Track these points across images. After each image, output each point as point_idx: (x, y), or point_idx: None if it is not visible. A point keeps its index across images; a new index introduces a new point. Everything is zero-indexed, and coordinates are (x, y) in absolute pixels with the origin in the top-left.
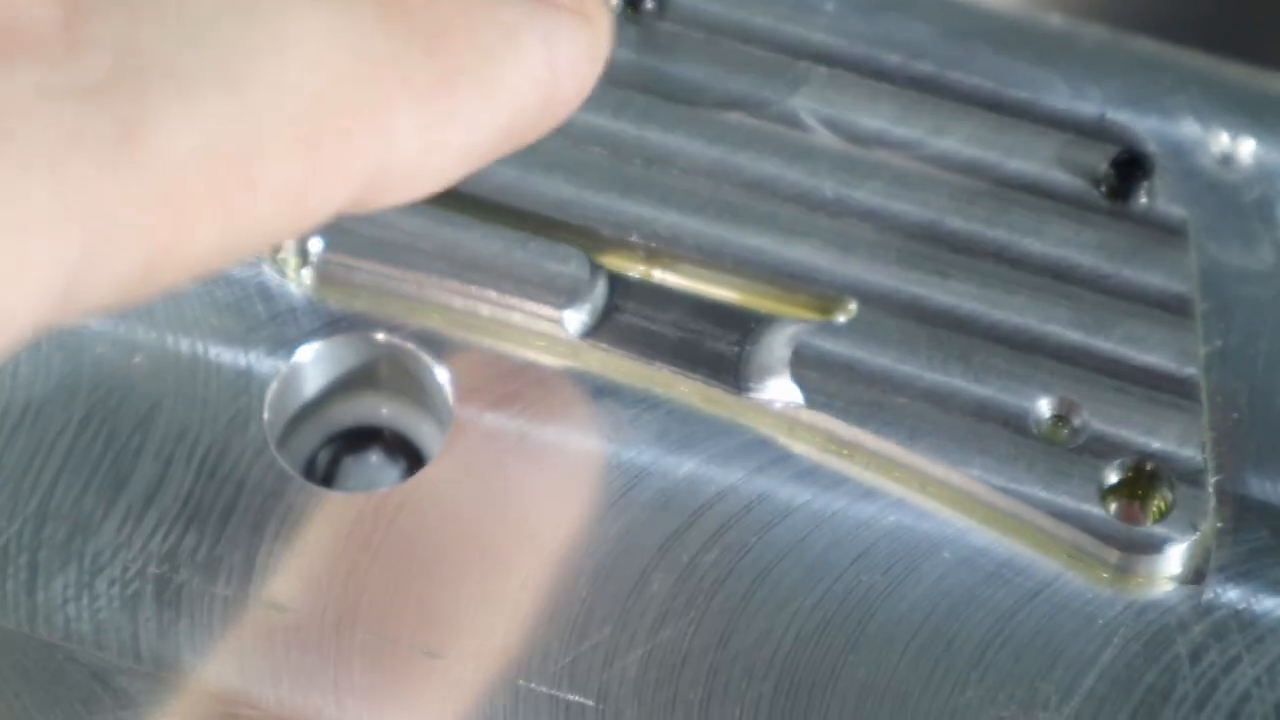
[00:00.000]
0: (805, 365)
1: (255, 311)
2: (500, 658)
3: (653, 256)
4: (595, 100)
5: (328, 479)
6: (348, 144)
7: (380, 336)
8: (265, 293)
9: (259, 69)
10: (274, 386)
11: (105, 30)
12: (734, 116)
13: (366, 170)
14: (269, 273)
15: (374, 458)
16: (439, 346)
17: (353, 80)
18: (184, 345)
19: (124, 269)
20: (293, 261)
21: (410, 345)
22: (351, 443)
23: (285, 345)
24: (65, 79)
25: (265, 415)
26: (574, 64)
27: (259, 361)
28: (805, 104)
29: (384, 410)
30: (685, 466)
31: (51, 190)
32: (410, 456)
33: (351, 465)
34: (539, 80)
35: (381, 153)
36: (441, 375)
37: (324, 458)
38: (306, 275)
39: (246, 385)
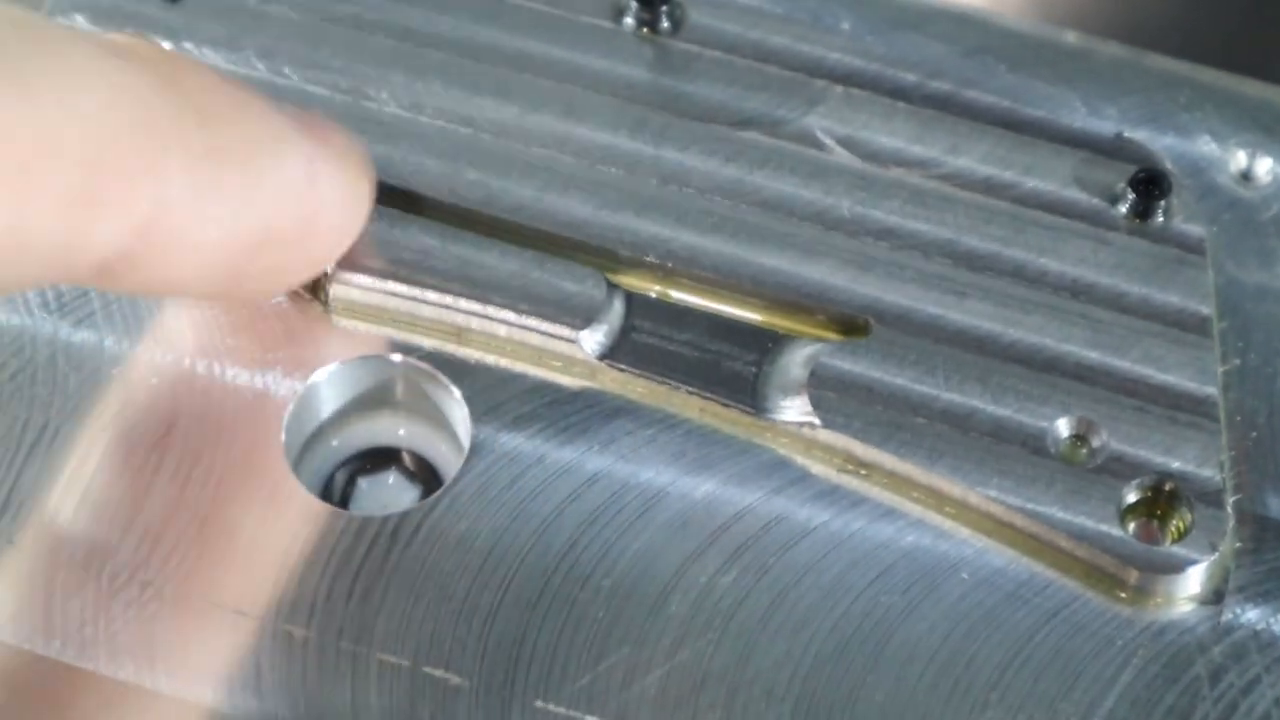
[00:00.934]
0: (823, 385)
1: (272, 332)
2: (518, 679)
3: (669, 276)
4: (611, 119)
5: (344, 500)
6: (126, 179)
7: (397, 357)
8: (281, 313)
9: (47, 88)
10: (291, 408)
11: None
12: (750, 135)
13: (141, 214)
14: (284, 294)
15: (391, 479)
16: (456, 367)
17: (132, 125)
18: (200, 366)
19: None
20: (310, 284)
21: (427, 366)
22: (368, 464)
23: (302, 366)
24: None
25: (282, 437)
26: (335, 196)
27: (276, 383)
28: (822, 123)
29: (401, 431)
30: (703, 487)
31: None
32: (428, 477)
33: (368, 486)
34: (300, 192)
35: (155, 199)
36: (458, 396)
37: (340, 478)
38: (323, 295)
39: (263, 407)
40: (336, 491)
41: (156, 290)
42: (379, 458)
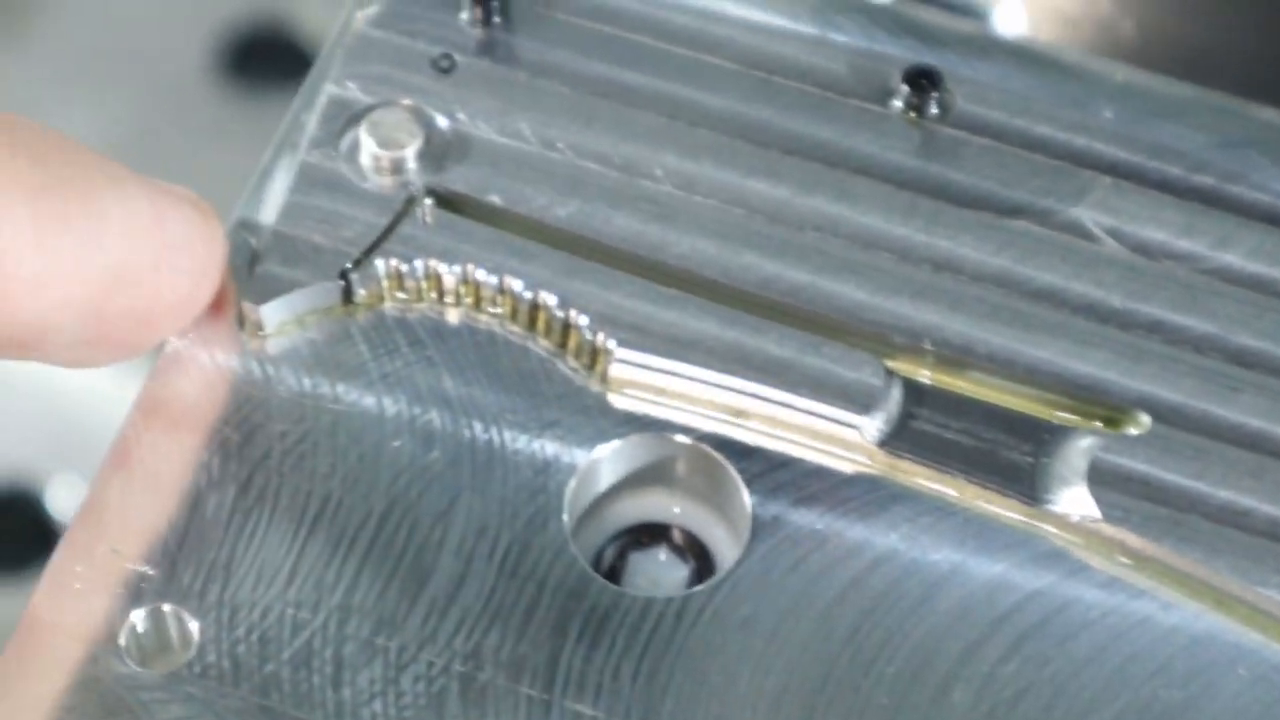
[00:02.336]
0: (1099, 478)
1: (551, 408)
2: None
3: (944, 364)
4: (882, 203)
5: (613, 573)
6: None
7: (679, 437)
8: (561, 388)
9: None
10: (572, 484)
11: None
12: (1020, 224)
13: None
14: (564, 370)
15: (662, 555)
16: (734, 448)
17: None
18: (481, 440)
19: None
20: (586, 358)
21: (707, 447)
22: (640, 538)
23: (582, 443)
24: None
25: (565, 513)
26: (186, 234)
27: (556, 458)
28: (1090, 213)
29: (676, 509)
30: (983, 575)
31: None
32: (699, 555)
33: (639, 561)
34: (149, 229)
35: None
36: (737, 477)
37: (611, 553)
38: (601, 372)
39: (544, 483)
40: (606, 564)
41: (18, 336)
42: (650, 533)
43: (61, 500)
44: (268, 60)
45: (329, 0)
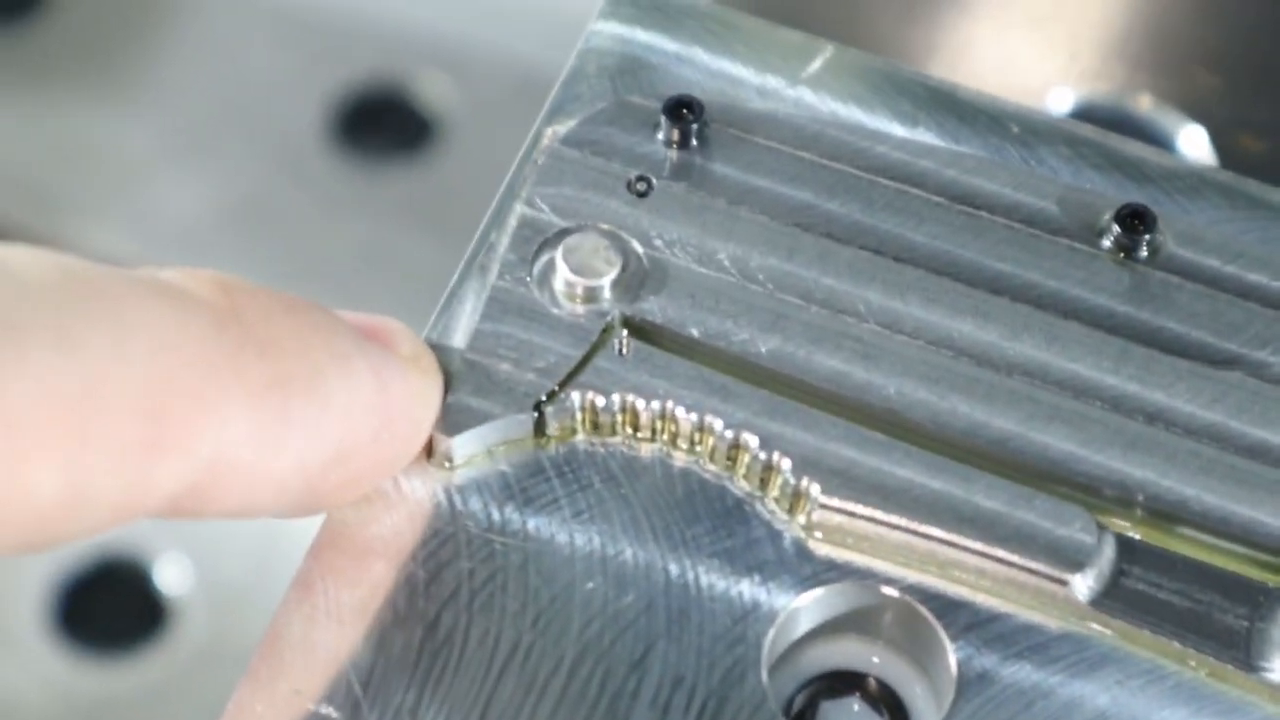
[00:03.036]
0: None
1: (751, 552)
2: None
3: (1157, 520)
4: (1093, 350)
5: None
6: (185, 422)
7: (885, 589)
8: (761, 532)
9: (96, 337)
10: (772, 634)
11: None
12: (1234, 375)
13: (204, 455)
14: (763, 513)
15: (855, 705)
16: (938, 600)
17: (189, 365)
18: (677, 584)
19: None
20: (787, 502)
21: (912, 599)
22: (832, 686)
23: (783, 590)
24: None
25: (764, 671)
26: (407, 402)
27: (755, 605)
28: None
29: (875, 659)
30: None
31: None
32: (892, 707)
33: (831, 710)
34: (371, 405)
35: (217, 438)
36: (942, 631)
37: (801, 699)
38: (804, 519)
39: (743, 632)
40: (795, 710)
41: (230, 516)
42: (845, 681)
43: (169, 576)
44: (384, 127)
45: (446, 66)
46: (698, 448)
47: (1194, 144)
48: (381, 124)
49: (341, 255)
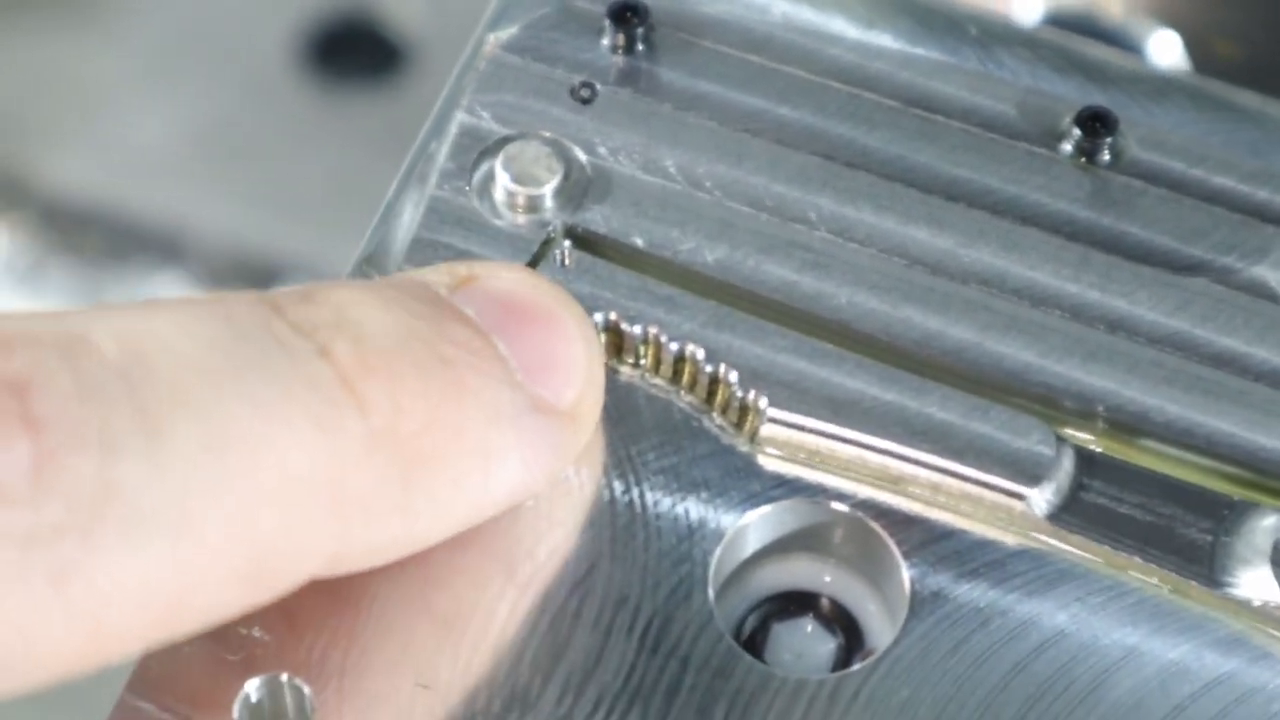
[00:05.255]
0: None
1: (698, 468)
2: None
3: (1118, 432)
4: (1052, 257)
5: (754, 643)
6: (290, 566)
7: (835, 505)
8: (708, 447)
9: (219, 516)
10: (718, 551)
11: (73, 472)
12: (1198, 282)
13: (301, 582)
14: (710, 428)
15: (808, 627)
16: (891, 517)
17: (317, 508)
18: (622, 501)
19: (26, 678)
20: (735, 416)
21: (864, 516)
22: (783, 608)
23: (730, 507)
24: (14, 523)
25: (710, 589)
26: (548, 469)
27: (702, 523)
28: (1274, 272)
29: (826, 578)
30: (1156, 662)
31: None
32: (847, 628)
33: (783, 632)
34: (508, 494)
35: (322, 568)
36: (895, 549)
37: (752, 620)
38: (751, 432)
39: (689, 551)
40: (747, 633)
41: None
42: (797, 602)
43: None
44: (353, 52)
45: None
46: (643, 361)
47: (1166, 50)
48: (351, 49)
49: (310, 182)
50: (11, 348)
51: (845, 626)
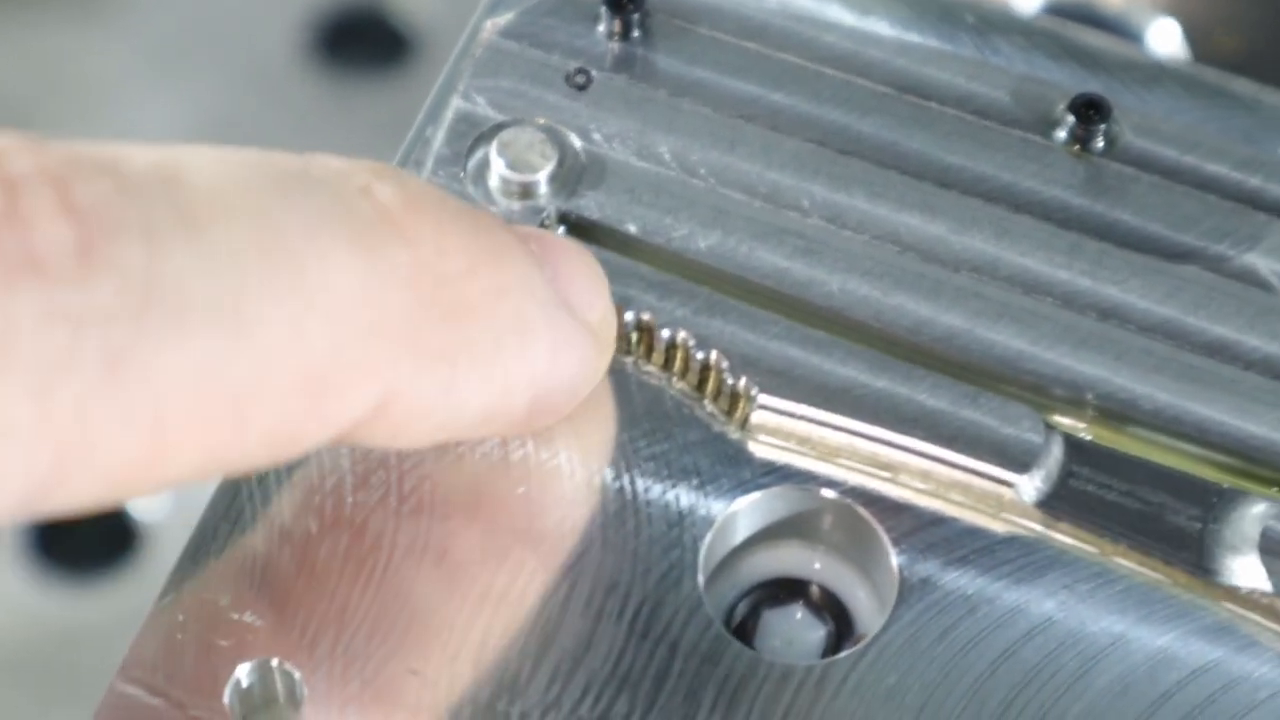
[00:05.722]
0: (1273, 548)
1: (688, 455)
2: None
3: (1107, 419)
4: (1044, 244)
5: (744, 630)
6: (345, 395)
7: (825, 492)
8: (699, 434)
9: (269, 315)
10: (709, 537)
11: (120, 257)
12: (1190, 270)
13: (357, 419)
14: (702, 415)
15: (798, 614)
16: (881, 504)
17: (364, 333)
18: (612, 488)
19: (93, 482)
20: (726, 403)
21: (854, 503)
22: (774, 595)
23: (721, 494)
24: (65, 303)
25: (700, 576)
26: (573, 380)
27: (692, 510)
28: (1265, 260)
29: (816, 565)
30: (1144, 649)
31: (29, 407)
32: (837, 615)
33: (773, 619)
34: (534, 380)
35: (374, 405)
36: (884, 536)
37: (743, 607)
38: (742, 419)
39: (679, 537)
40: (737, 620)
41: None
42: (787, 589)
43: (143, 503)
44: (359, 42)
45: None
46: (636, 347)
47: (1166, 39)
48: (357, 40)
49: None
50: (47, 150)
51: (835, 613)
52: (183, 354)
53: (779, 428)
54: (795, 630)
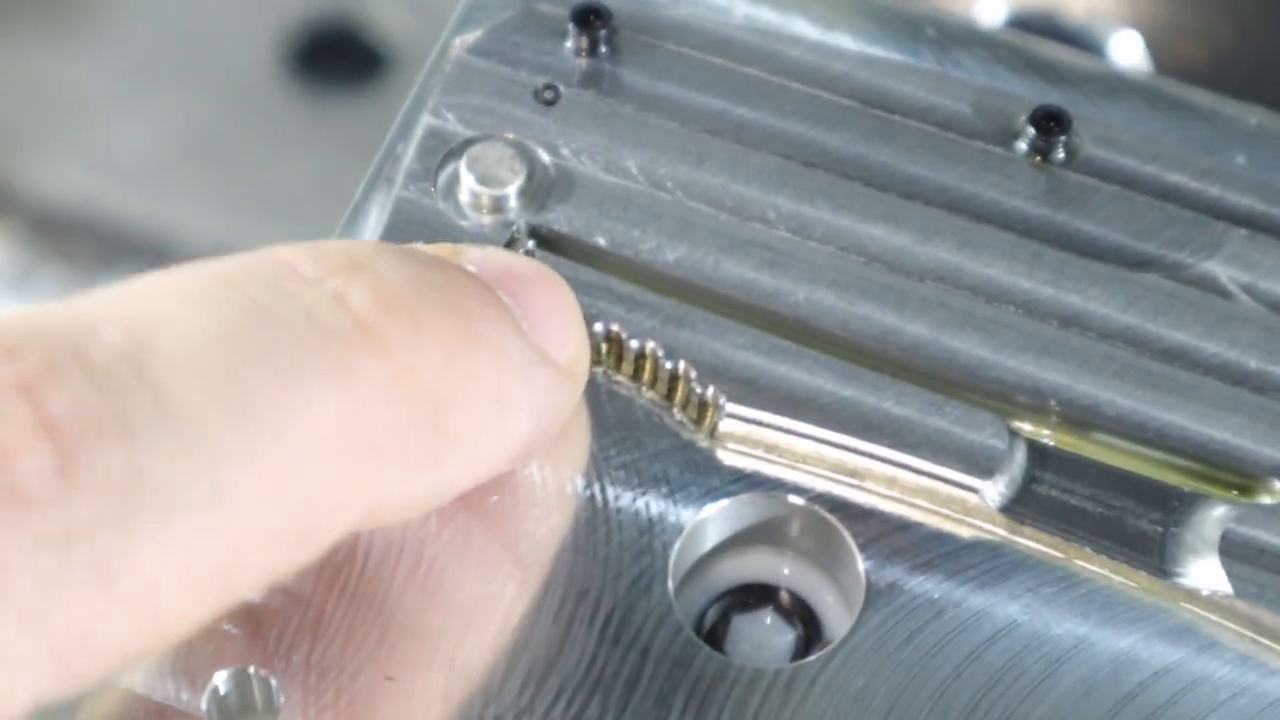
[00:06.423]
0: (1233, 550)
1: (658, 463)
2: None
3: (1070, 425)
4: (1007, 253)
5: (715, 635)
6: (332, 519)
7: (791, 498)
8: (668, 443)
9: (251, 483)
10: (678, 545)
11: (100, 463)
12: (1150, 278)
13: (345, 533)
14: (671, 424)
15: (768, 619)
16: (848, 510)
17: (347, 461)
18: (583, 496)
19: (94, 669)
20: (694, 412)
21: (821, 509)
22: (744, 600)
23: (690, 501)
24: (52, 525)
25: (670, 582)
26: (550, 425)
27: (662, 517)
28: (1224, 268)
29: (785, 570)
30: (1107, 651)
31: (27, 631)
32: (806, 620)
33: (743, 624)
34: (516, 449)
35: (362, 518)
36: (851, 541)
37: (714, 614)
38: (711, 427)
39: (649, 544)
40: (708, 625)
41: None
42: (756, 595)
43: None
44: (335, 58)
45: None
46: (605, 358)
47: (1129, 51)
48: (333, 56)
49: (294, 186)
50: (17, 349)
51: (804, 618)
52: (170, 542)
53: (747, 436)
54: (765, 635)
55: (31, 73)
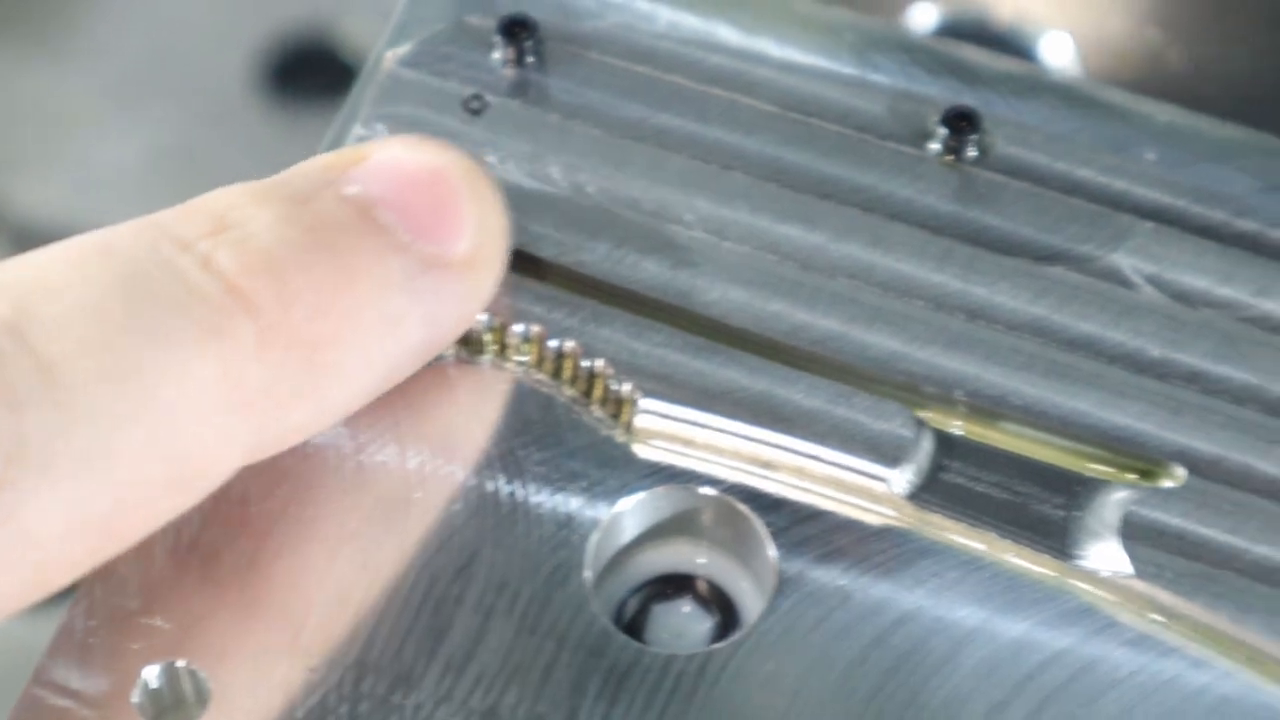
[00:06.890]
0: (1133, 532)
1: (576, 459)
2: None
3: (976, 415)
4: (917, 250)
5: (635, 625)
6: (215, 467)
7: (705, 489)
8: (586, 439)
9: (131, 442)
10: (595, 538)
11: None
12: (1057, 270)
13: (230, 474)
14: (588, 420)
15: (686, 607)
16: (760, 500)
17: (225, 413)
18: (504, 492)
19: None
20: (611, 408)
21: (733, 499)
22: (662, 590)
23: (606, 495)
24: None
25: (586, 572)
26: (454, 320)
27: (580, 511)
28: (1129, 260)
29: (701, 560)
30: (1010, 632)
31: None
32: (724, 607)
33: (662, 613)
34: (411, 359)
35: (247, 458)
36: (763, 530)
37: (633, 605)
38: (626, 422)
39: (567, 537)
40: (628, 616)
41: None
42: (674, 585)
43: None
44: (310, 75)
45: (374, 14)
46: (525, 357)
47: (1061, 55)
48: (308, 72)
49: None
50: None
51: (722, 606)
52: (56, 503)
53: (662, 430)
54: (684, 623)
55: (13, 93)
